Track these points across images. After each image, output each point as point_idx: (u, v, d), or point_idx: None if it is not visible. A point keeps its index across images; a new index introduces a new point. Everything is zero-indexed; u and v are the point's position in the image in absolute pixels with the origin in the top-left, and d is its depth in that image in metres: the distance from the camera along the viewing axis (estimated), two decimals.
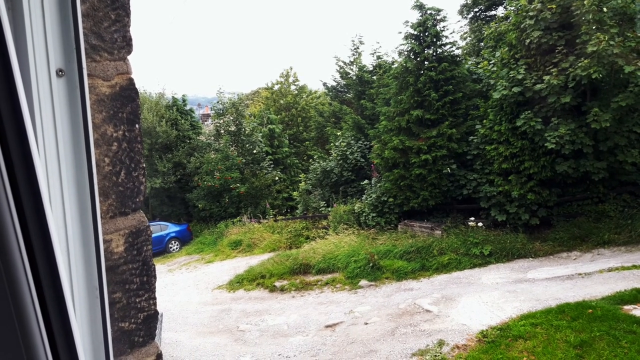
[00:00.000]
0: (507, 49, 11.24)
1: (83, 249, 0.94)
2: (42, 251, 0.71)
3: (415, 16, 14.92)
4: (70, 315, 0.75)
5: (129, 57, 1.15)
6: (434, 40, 12.58)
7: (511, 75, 10.53)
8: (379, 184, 13.46)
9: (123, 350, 1.17)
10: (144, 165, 1.19)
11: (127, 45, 1.13)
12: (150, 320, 1.22)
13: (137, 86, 1.18)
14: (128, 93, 1.14)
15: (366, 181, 14.58)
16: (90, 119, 0.94)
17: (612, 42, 8.92)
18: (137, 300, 1.19)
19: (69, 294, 0.76)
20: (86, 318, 0.95)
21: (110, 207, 1.12)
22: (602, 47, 8.82)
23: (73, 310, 0.77)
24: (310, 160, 20.39)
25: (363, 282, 10.02)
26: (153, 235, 16.96)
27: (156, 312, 1.24)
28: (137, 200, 1.17)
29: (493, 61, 12.08)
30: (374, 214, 13.10)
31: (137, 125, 1.16)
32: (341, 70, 21.23)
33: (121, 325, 1.16)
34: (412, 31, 12.75)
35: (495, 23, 13.85)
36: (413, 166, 12.06)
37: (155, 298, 1.22)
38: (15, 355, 0.68)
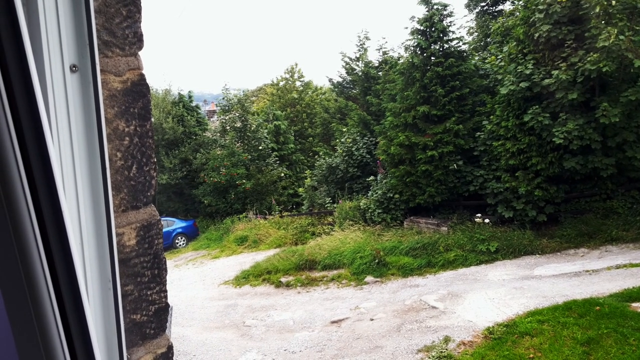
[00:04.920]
0: (515, 43, 11.14)
1: (97, 242, 0.96)
2: (58, 244, 0.73)
3: (421, 11, 14.83)
4: (85, 307, 0.77)
5: (140, 53, 1.16)
6: (441, 35, 12.49)
7: (519, 70, 10.44)
8: (384, 180, 13.44)
9: (135, 341, 1.19)
10: (155, 160, 1.20)
11: (138, 41, 1.15)
12: (161, 313, 1.23)
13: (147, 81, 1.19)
14: (139, 88, 1.15)
15: (372, 177, 14.56)
16: (103, 114, 0.95)
17: (621, 37, 8.81)
18: (149, 292, 1.20)
19: (83, 286, 0.78)
20: (100, 309, 0.96)
21: (122, 201, 1.14)
22: (613, 42, 8.72)
23: (87, 302, 0.79)
24: (316, 156, 20.40)
25: (369, 278, 10.03)
26: None
27: (167, 305, 1.25)
28: (149, 194, 1.19)
29: (501, 56, 11.98)
30: (379, 210, 13.09)
31: (148, 121, 1.17)
32: (347, 66, 21.16)
33: (133, 317, 1.18)
34: (418, 26, 12.68)
35: (503, 18, 13.73)
36: (419, 162, 12.02)
37: (166, 291, 1.24)
38: (32, 344, 0.69)
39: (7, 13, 0.65)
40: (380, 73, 18.31)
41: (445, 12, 12.55)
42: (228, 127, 23.00)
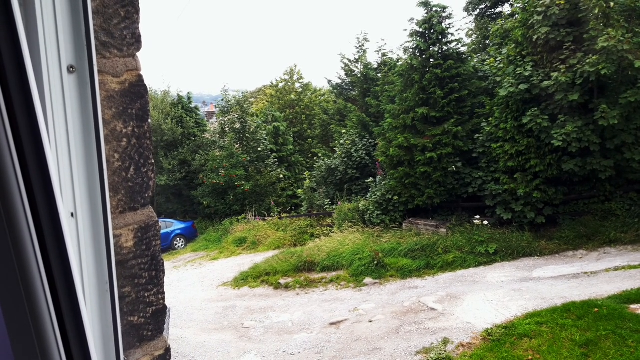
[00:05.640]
0: (513, 45, 11.17)
1: (94, 244, 0.95)
2: (55, 246, 0.72)
3: (420, 13, 14.84)
4: (82, 309, 0.76)
5: (138, 54, 1.15)
6: (440, 37, 12.51)
7: (518, 72, 10.46)
8: (383, 182, 13.44)
9: (132, 344, 1.18)
10: (153, 161, 1.20)
11: (136, 42, 1.14)
12: (159, 315, 1.23)
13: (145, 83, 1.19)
14: (137, 89, 1.15)
15: (371, 179, 14.56)
16: (101, 115, 0.95)
17: (621, 38, 8.84)
18: (146, 294, 1.20)
19: (80, 288, 0.77)
20: (97, 312, 0.96)
21: (119, 202, 1.13)
22: (613, 43, 8.74)
23: (84, 303, 0.78)
24: (315, 158, 20.40)
25: (367, 280, 10.03)
26: None
27: (165, 307, 1.25)
28: (146, 195, 1.18)
29: (499, 58, 12.01)
30: (378, 212, 13.09)
31: (146, 122, 1.17)
32: (346, 67, 21.19)
33: (130, 320, 1.17)
34: (417, 28, 12.70)
35: (502, 20, 13.76)
36: (418, 164, 12.03)
37: (163, 292, 1.23)
38: (28, 347, 0.69)
39: (5, 13, 0.65)
40: (379, 75, 18.34)
41: (444, 14, 12.58)
42: (227, 129, 23.00)
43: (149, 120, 1.19)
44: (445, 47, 12.59)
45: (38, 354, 0.69)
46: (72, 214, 0.93)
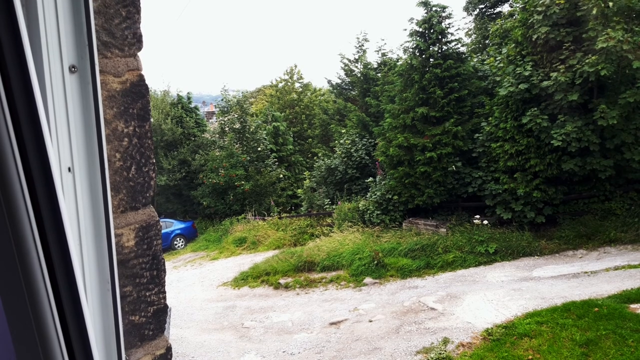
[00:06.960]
0: (513, 45, 11.18)
1: (95, 243, 0.95)
2: (57, 245, 0.72)
3: (420, 13, 14.84)
4: (84, 308, 0.77)
5: (139, 54, 1.16)
6: (439, 37, 12.52)
7: (518, 72, 10.47)
8: (383, 182, 13.44)
9: (133, 343, 1.18)
10: (154, 161, 1.20)
11: (137, 41, 1.15)
12: (160, 314, 1.23)
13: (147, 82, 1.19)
14: (138, 89, 1.15)
15: (371, 179, 14.56)
16: (102, 114, 0.95)
17: (621, 38, 8.84)
18: (147, 294, 1.20)
19: (82, 287, 0.77)
20: (98, 311, 0.96)
21: (121, 201, 1.13)
22: (612, 44, 8.74)
23: (86, 303, 0.79)
24: (315, 157, 20.40)
25: (367, 280, 10.03)
26: None
27: (166, 306, 1.25)
28: (147, 195, 1.19)
29: (499, 58, 12.01)
30: (378, 212, 13.09)
31: (147, 121, 1.17)
32: (346, 67, 21.20)
33: (132, 319, 1.17)
34: (417, 28, 12.70)
35: (501, 20, 13.77)
36: (418, 164, 12.03)
37: (164, 292, 1.23)
38: (30, 346, 0.69)
39: (7, 13, 0.65)
40: (379, 74, 18.34)
41: (444, 14, 12.58)
42: (227, 129, 22.99)
43: (150, 120, 1.19)
44: (444, 47, 12.60)
45: (40, 352, 0.70)
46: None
